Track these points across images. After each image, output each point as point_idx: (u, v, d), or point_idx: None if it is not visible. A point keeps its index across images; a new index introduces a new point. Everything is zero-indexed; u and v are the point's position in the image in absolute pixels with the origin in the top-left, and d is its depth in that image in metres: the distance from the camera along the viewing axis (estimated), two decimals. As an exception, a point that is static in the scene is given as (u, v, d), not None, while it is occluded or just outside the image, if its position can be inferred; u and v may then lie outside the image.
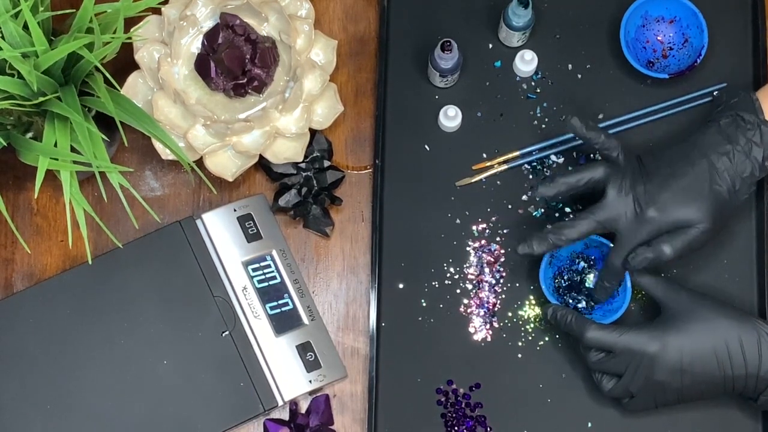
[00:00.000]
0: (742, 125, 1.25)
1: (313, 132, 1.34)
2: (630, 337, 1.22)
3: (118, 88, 1.22)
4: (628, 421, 1.30)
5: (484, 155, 1.36)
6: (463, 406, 1.30)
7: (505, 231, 1.34)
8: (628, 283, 1.28)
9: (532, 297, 1.33)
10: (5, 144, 1.22)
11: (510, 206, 1.35)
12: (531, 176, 1.35)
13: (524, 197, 1.35)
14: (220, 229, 1.32)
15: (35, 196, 1.29)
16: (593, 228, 1.24)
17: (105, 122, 1.26)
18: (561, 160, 1.35)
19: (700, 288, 1.30)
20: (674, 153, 1.26)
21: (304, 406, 1.30)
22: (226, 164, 1.31)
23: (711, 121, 1.27)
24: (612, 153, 1.25)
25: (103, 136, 1.23)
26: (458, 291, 1.33)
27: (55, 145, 1.20)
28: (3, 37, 1.18)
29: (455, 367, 1.31)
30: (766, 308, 1.31)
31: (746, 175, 1.24)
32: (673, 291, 1.26)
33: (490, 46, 1.39)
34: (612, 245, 1.27)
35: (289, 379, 1.28)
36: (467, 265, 1.33)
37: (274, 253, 1.32)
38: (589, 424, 1.30)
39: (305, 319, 1.31)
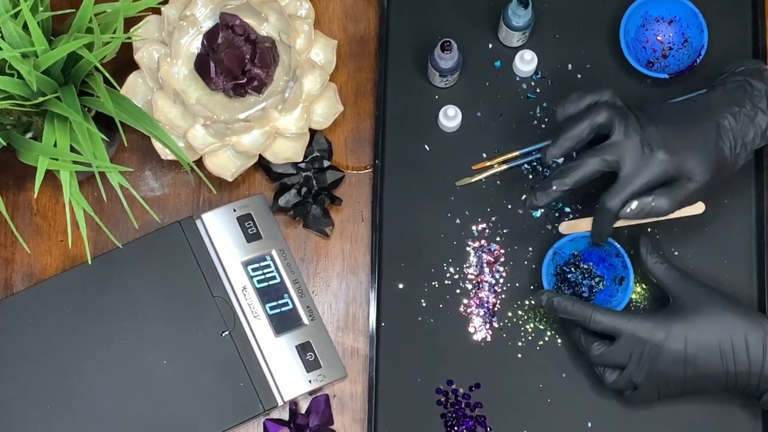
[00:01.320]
0: (749, 90, 1.24)
1: (312, 132, 1.34)
2: (637, 324, 1.22)
3: (118, 88, 1.22)
4: (628, 421, 1.29)
5: (484, 155, 1.36)
6: (463, 406, 1.30)
7: (505, 231, 1.34)
8: (630, 282, 1.27)
9: (532, 297, 1.32)
10: (5, 144, 1.22)
11: (510, 206, 1.35)
12: (531, 176, 1.35)
13: (524, 197, 1.34)
14: (219, 229, 1.32)
15: (35, 196, 1.29)
16: (601, 166, 1.21)
17: (105, 122, 1.26)
18: (560, 159, 1.35)
19: (700, 287, 1.30)
20: (678, 105, 1.24)
21: (304, 406, 1.30)
22: (225, 164, 1.31)
23: (715, 85, 1.26)
24: (603, 96, 1.23)
25: (103, 136, 1.23)
26: (458, 291, 1.33)
27: (55, 145, 1.20)
28: (3, 37, 1.18)
29: (455, 367, 1.31)
30: (766, 308, 1.31)
31: (748, 140, 1.23)
32: (684, 282, 1.25)
33: (490, 46, 1.39)
34: (613, 242, 1.27)
35: (288, 379, 1.28)
36: (467, 265, 1.33)
37: (274, 253, 1.32)
38: (589, 424, 1.30)
39: (305, 319, 1.31)
